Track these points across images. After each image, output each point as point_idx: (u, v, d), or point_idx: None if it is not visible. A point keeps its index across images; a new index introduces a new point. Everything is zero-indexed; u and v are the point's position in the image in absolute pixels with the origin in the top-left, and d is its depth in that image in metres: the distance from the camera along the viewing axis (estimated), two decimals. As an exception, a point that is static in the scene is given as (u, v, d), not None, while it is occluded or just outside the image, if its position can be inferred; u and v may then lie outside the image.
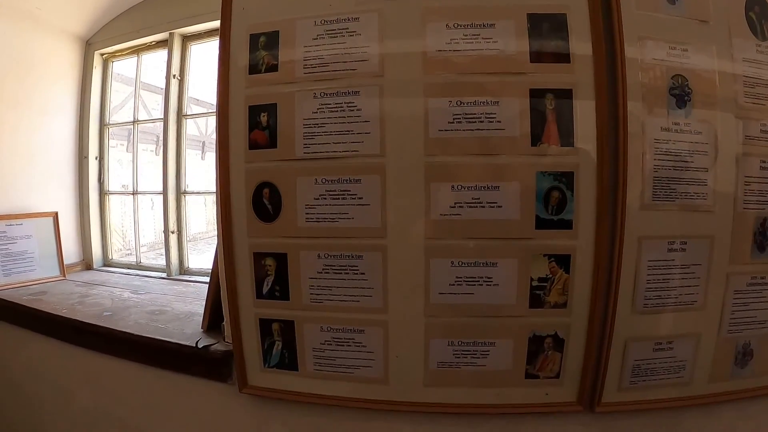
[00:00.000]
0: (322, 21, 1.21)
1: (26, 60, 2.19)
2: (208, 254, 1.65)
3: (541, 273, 1.16)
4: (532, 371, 1.21)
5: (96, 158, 2.48)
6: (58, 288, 2.09)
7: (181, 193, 2.29)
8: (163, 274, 2.33)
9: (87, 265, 2.49)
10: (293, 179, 1.22)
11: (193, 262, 2.36)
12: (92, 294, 1.98)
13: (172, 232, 2.28)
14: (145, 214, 2.58)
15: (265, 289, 1.27)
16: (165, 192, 2.25)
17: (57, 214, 2.29)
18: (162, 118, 2.25)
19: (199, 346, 1.40)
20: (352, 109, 1.18)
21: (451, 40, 1.15)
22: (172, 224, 2.28)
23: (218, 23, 1.28)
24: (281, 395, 1.32)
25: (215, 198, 1.30)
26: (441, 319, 1.20)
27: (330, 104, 1.19)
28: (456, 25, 1.16)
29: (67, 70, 2.37)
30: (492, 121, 1.14)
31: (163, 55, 2.26)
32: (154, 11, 2.26)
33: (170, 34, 2.20)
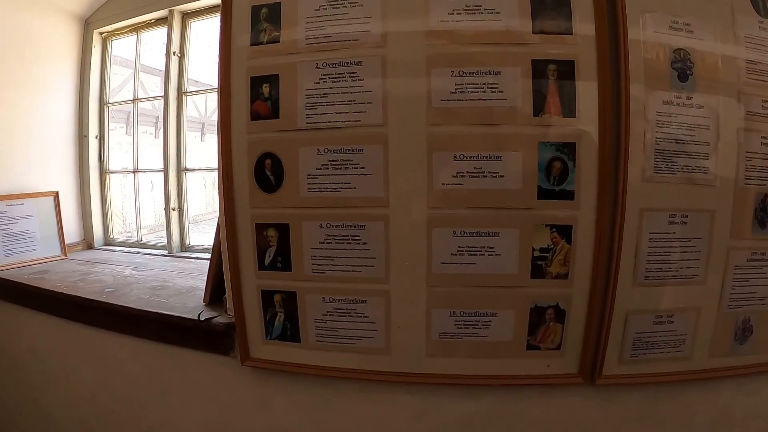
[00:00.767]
0: (325, -8, 1.20)
1: (25, 39, 2.16)
2: (209, 234, 1.65)
3: (543, 243, 1.16)
4: (533, 342, 1.22)
5: (96, 137, 2.46)
6: (59, 267, 2.08)
7: (182, 170, 2.28)
8: (164, 252, 2.32)
9: (88, 244, 2.48)
10: (295, 149, 1.22)
11: (195, 240, 2.36)
12: (94, 272, 1.98)
13: (173, 209, 2.27)
14: (145, 195, 2.56)
15: (267, 260, 1.27)
16: (166, 169, 2.24)
17: (57, 193, 2.28)
18: (162, 96, 2.23)
19: (201, 318, 1.40)
20: (354, 79, 1.18)
21: (454, 11, 1.15)
22: (173, 201, 2.27)
23: (219, -2, 1.26)
24: (283, 367, 1.32)
25: (217, 169, 1.30)
26: (443, 289, 1.20)
27: (332, 74, 1.19)
28: (459, -4, 1.15)
29: (66, 49, 2.34)
30: (494, 91, 1.14)
31: (162, 34, 2.24)
32: (153, -12, 2.23)
33: (170, 11, 2.18)
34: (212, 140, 1.33)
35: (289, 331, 1.30)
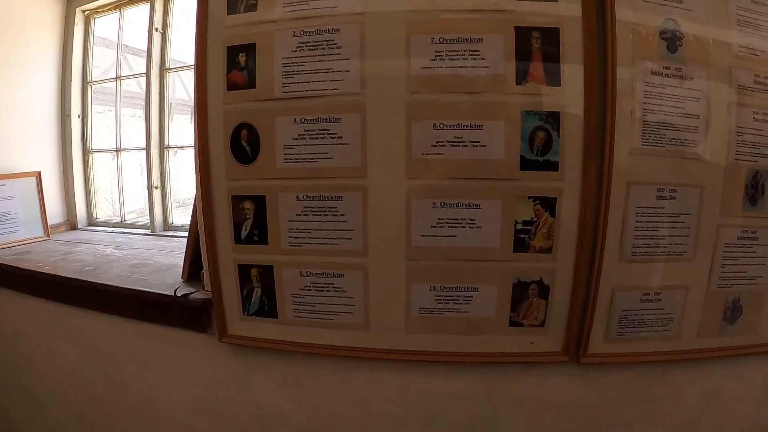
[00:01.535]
0: (301, -40, 1.16)
1: (6, 16, 2.11)
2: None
3: (526, 216, 1.13)
4: (516, 319, 1.19)
5: (79, 116, 2.42)
6: (41, 248, 2.05)
7: (164, 147, 2.24)
8: (147, 231, 2.30)
9: (72, 225, 2.45)
10: (272, 119, 1.18)
11: (179, 219, 2.33)
12: (75, 251, 1.95)
13: (156, 188, 2.24)
14: (134, 179, 2.52)
15: (244, 233, 1.24)
16: (148, 147, 2.20)
17: (40, 173, 2.23)
18: (144, 73, 2.19)
19: (178, 294, 1.37)
20: (332, 47, 1.14)
21: (434, -22, 1.11)
22: (155, 179, 2.24)
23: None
24: (261, 344, 1.30)
25: (193, 141, 1.26)
26: (422, 263, 1.17)
27: (309, 42, 1.15)
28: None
29: (47, 27, 2.29)
30: (476, 59, 1.10)
31: (145, 11, 2.20)
32: (135, -36, 2.19)
33: (151, -15, 2.13)
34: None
35: (267, 306, 1.27)
